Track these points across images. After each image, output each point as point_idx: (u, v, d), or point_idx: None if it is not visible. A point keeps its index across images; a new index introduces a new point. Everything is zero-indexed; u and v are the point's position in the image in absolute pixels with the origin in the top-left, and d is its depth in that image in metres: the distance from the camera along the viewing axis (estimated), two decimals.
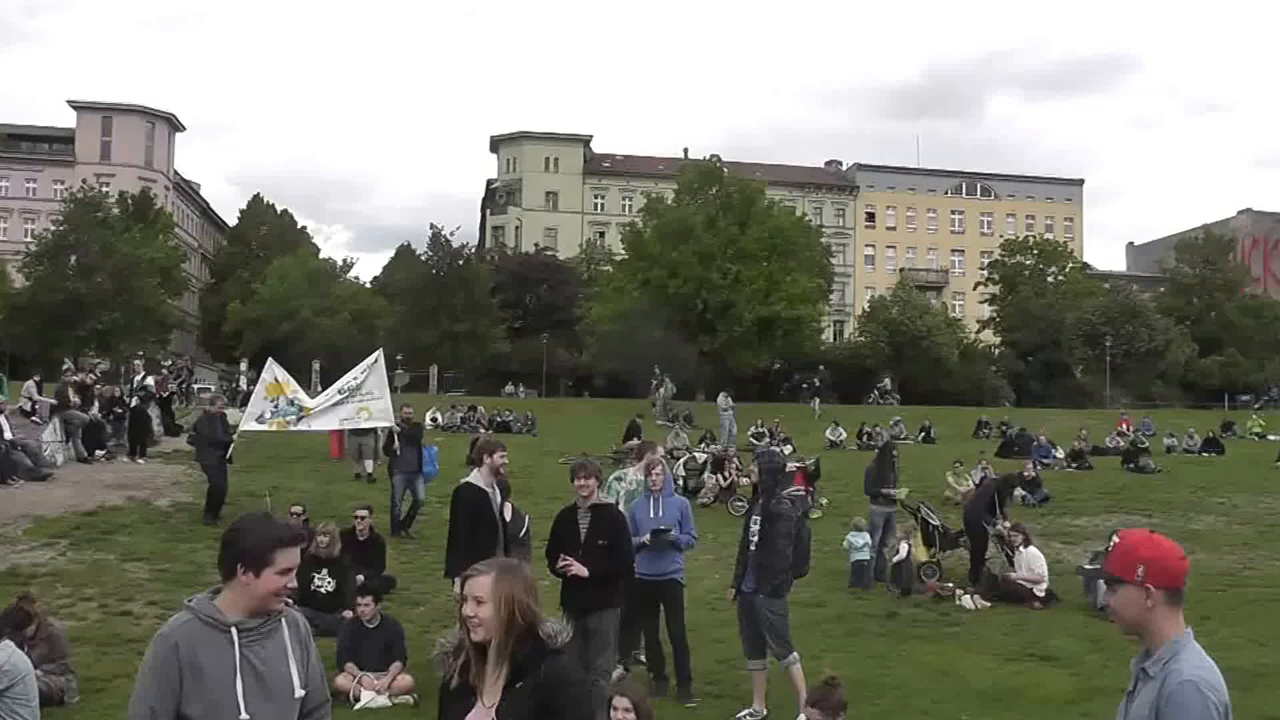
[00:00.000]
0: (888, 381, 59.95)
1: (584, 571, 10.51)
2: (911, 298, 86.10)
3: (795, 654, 11.59)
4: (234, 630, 4.43)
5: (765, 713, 11.51)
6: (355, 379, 21.11)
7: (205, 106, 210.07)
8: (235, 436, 22.28)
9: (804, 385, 55.17)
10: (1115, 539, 4.24)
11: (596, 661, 10.54)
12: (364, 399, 20.86)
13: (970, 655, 14.50)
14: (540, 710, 4.19)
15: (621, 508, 12.59)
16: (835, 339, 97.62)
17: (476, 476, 11.93)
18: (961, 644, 15.17)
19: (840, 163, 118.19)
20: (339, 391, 21.27)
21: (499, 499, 11.89)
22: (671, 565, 12.36)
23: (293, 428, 21.38)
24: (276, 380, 21.28)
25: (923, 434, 50.29)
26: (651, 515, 12.38)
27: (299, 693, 4.52)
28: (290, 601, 4.75)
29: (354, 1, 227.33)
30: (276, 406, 20.92)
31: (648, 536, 12.14)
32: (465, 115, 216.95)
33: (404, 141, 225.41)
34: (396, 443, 22.48)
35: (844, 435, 47.21)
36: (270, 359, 22.59)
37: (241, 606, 4.47)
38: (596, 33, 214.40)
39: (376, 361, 21.32)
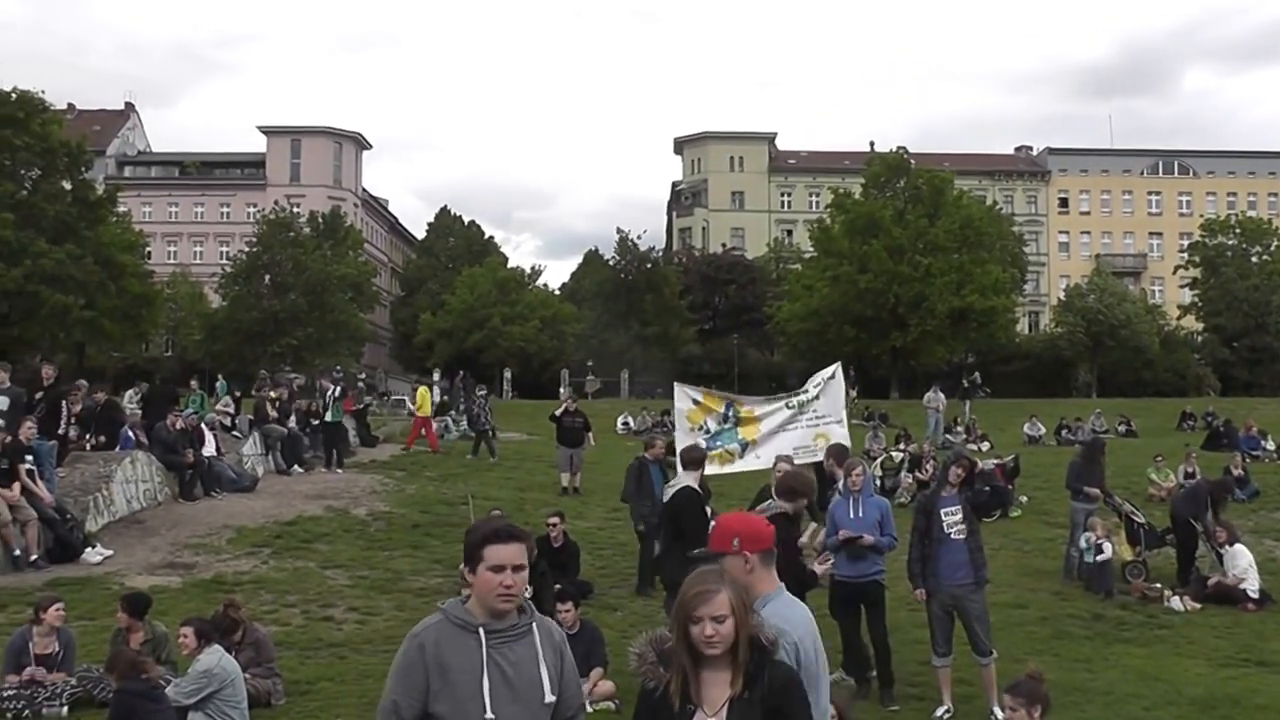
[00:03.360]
0: (978, 375, 58.14)
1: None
2: (1108, 285, 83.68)
3: (995, 653, 11.55)
4: (481, 631, 4.50)
5: (953, 709, 11.42)
6: (808, 392, 17.90)
7: (391, 124, 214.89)
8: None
9: (964, 384, 53.93)
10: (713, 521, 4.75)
11: None
12: (819, 422, 17.60)
13: (1181, 660, 14.04)
14: (769, 716, 4.24)
15: None
16: (1030, 330, 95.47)
17: (689, 479, 12.02)
18: (1172, 648, 14.70)
19: (1030, 148, 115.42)
20: (788, 406, 17.83)
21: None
22: (873, 567, 12.28)
23: (739, 462, 17.65)
24: (697, 403, 18.12)
25: (1123, 427, 49.07)
26: (851, 516, 12.25)
27: (549, 698, 4.53)
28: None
29: (534, 12, 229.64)
30: (710, 434, 17.46)
31: (841, 535, 12.03)
32: (649, 118, 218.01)
33: (589, 148, 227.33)
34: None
35: (1042, 430, 46.26)
36: (676, 383, 19.14)
37: (481, 607, 4.56)
38: (777, 29, 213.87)
39: (834, 376, 17.97)
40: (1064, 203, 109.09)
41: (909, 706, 11.82)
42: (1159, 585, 18.04)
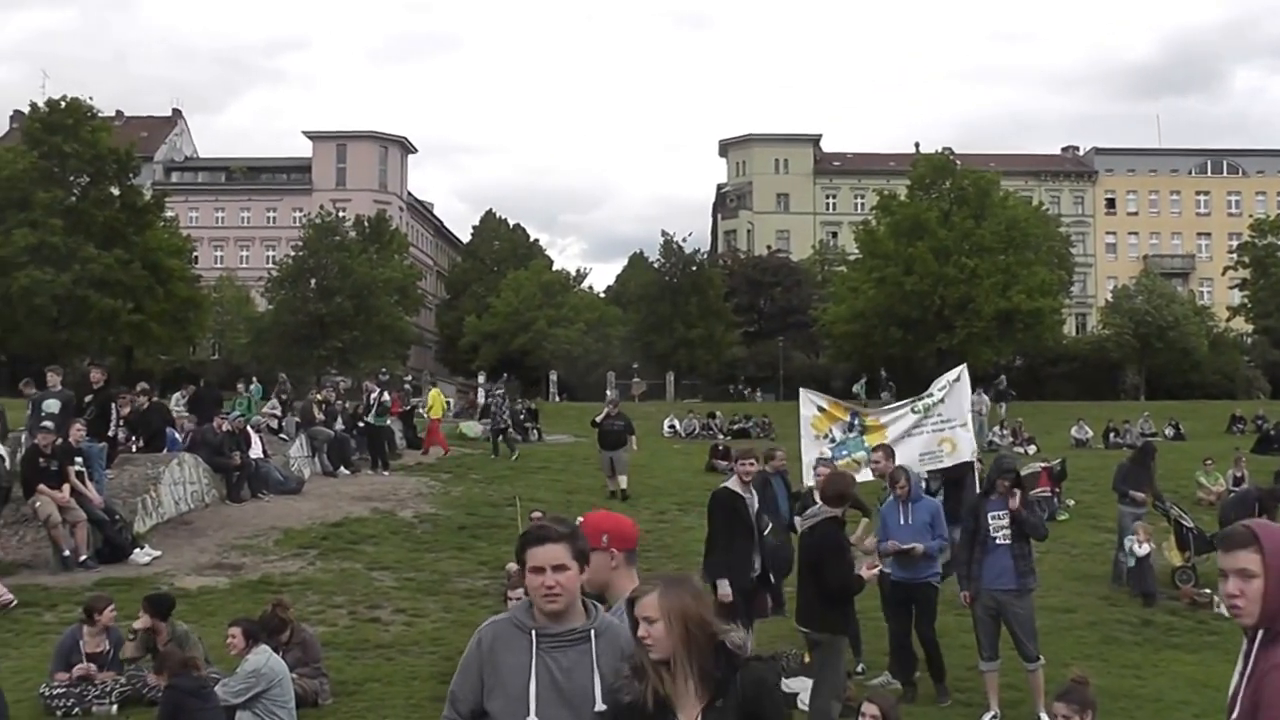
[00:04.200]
0: (1003, 379, 57.64)
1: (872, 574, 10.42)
2: (1156, 286, 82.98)
3: (1042, 659, 11.45)
4: (534, 634, 4.55)
5: (1000, 714, 11.36)
6: (933, 396, 16.96)
7: (436, 128, 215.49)
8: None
9: (986, 391, 53.57)
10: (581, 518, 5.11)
11: (814, 702, 10.36)
12: (944, 426, 16.72)
13: (1231, 666, 13.78)
14: None
15: None
16: (1077, 332, 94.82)
17: (733, 481, 12.06)
18: (1222, 654, 14.49)
19: (1077, 148, 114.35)
20: (913, 410, 17.02)
21: (755, 503, 12.02)
22: (927, 570, 12.34)
23: (865, 470, 16.04)
24: (821, 410, 17.53)
25: (1171, 430, 48.72)
26: (900, 522, 12.24)
27: (600, 705, 4.50)
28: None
29: (579, 16, 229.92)
30: (835, 442, 16.98)
31: (890, 544, 12.02)
32: (693, 121, 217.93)
33: (634, 151, 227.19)
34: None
35: (1090, 433, 45.96)
36: (801, 389, 18.43)
37: (538, 610, 4.62)
38: (821, 31, 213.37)
39: (960, 379, 16.94)
40: (1111, 203, 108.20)
41: (956, 711, 11.78)
42: (1208, 591, 17.83)
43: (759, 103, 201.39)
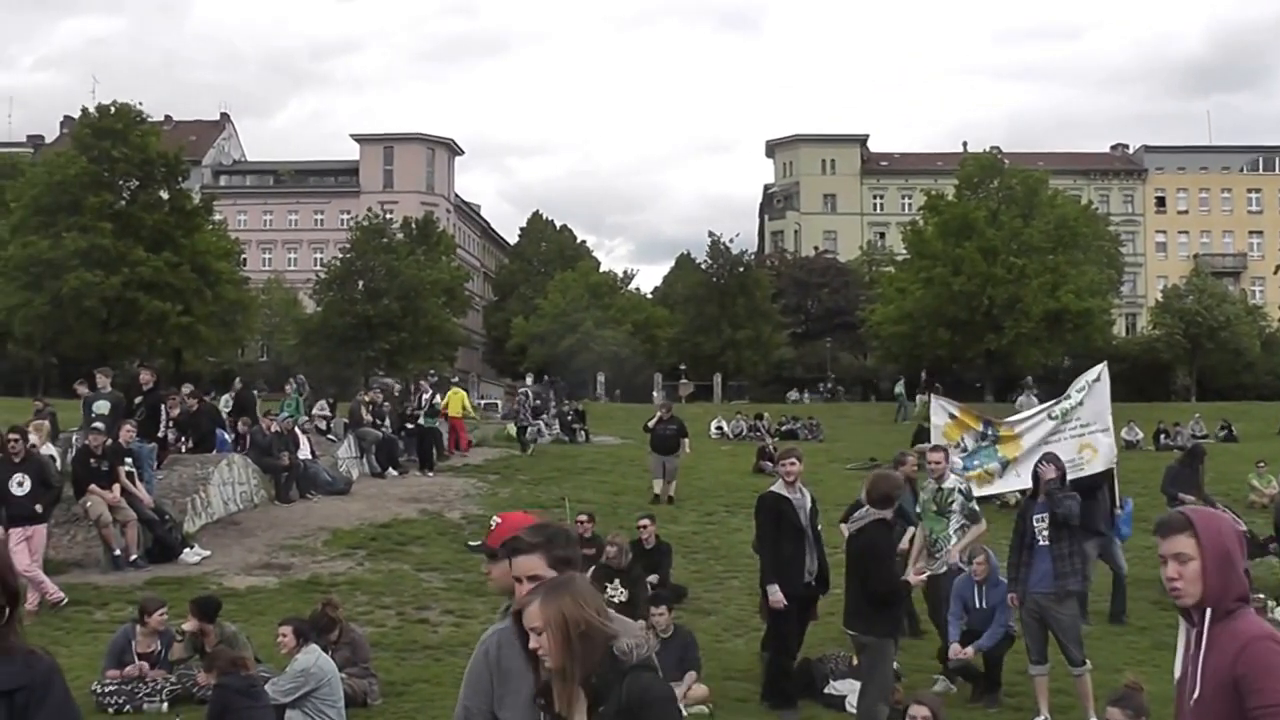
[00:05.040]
0: (1030, 378, 57.11)
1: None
2: (1207, 285, 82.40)
3: (1089, 664, 11.33)
4: None
5: (1049, 719, 11.25)
6: (1071, 398, 16.44)
7: (483, 130, 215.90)
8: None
9: (1011, 399, 53.09)
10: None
11: (861, 704, 10.32)
12: (1084, 431, 16.10)
13: None
14: None
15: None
16: (1127, 332, 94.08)
17: (779, 484, 12.02)
18: None
19: (1126, 146, 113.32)
20: (1050, 416, 16.51)
21: (808, 504, 11.90)
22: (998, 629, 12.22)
23: (999, 482, 16.76)
24: (953, 417, 17.26)
25: (1223, 431, 48.29)
26: (977, 605, 12.24)
27: None
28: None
29: (625, 17, 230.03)
30: (966, 451, 16.60)
31: (954, 654, 11.99)
32: (740, 121, 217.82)
33: (681, 152, 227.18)
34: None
35: (1140, 435, 45.56)
36: (933, 396, 18.35)
37: None
38: (867, 30, 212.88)
39: (1099, 379, 16.48)
40: (1161, 201, 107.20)
41: (1006, 714, 11.71)
42: (1262, 595, 17.51)
43: (806, 103, 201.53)
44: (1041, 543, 11.27)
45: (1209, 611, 4.17)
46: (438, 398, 31.61)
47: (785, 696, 11.78)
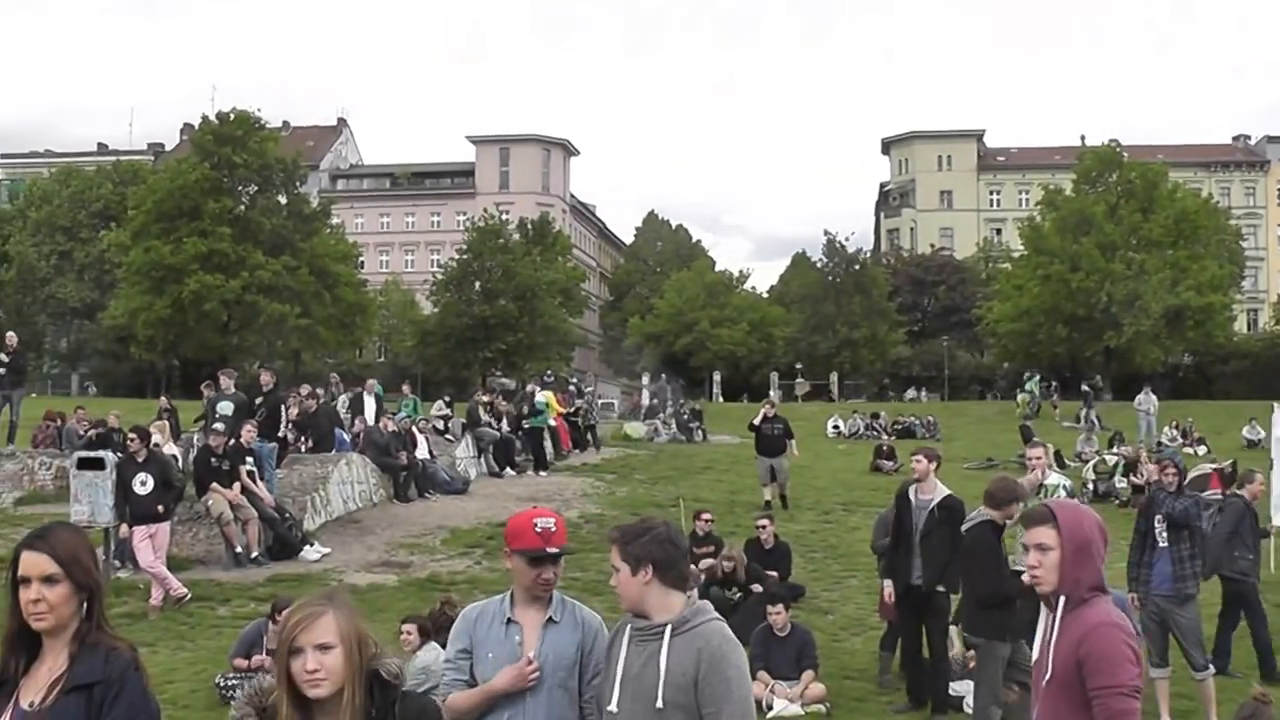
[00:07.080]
0: (1099, 378, 55.59)
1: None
2: None
3: (1211, 667, 11.11)
4: (628, 626, 4.80)
5: None
6: None
7: (599, 130, 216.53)
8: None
9: (1084, 388, 51.94)
10: None
11: (976, 704, 10.21)
12: None
13: None
14: None
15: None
16: (1249, 329, 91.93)
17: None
18: None
19: (1248, 137, 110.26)
20: None
21: (932, 504, 11.71)
22: None
23: None
24: None
25: None
26: None
27: (658, 704, 4.53)
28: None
29: (739, 15, 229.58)
30: None
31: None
32: (856, 119, 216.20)
33: (797, 150, 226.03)
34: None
35: (1262, 434, 44.40)
36: (1277, 405, 17.51)
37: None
38: (983, 24, 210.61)
39: None
40: None
41: None
42: None
43: (922, 99, 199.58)
44: (1161, 544, 11.11)
45: (1063, 599, 4.45)
46: (539, 397, 31.64)
47: (914, 695, 11.69)
